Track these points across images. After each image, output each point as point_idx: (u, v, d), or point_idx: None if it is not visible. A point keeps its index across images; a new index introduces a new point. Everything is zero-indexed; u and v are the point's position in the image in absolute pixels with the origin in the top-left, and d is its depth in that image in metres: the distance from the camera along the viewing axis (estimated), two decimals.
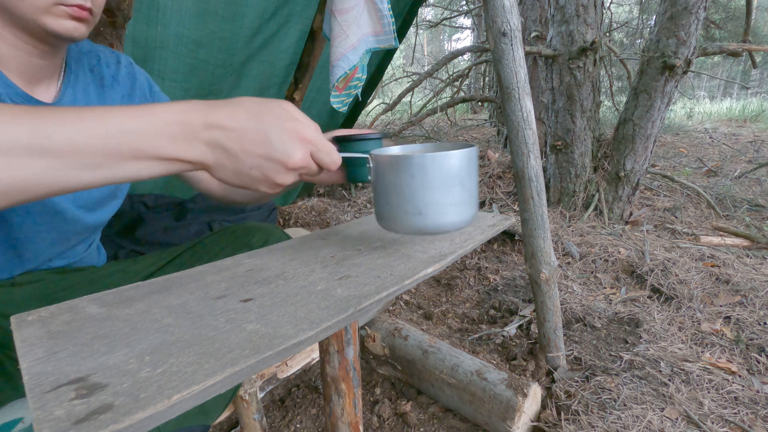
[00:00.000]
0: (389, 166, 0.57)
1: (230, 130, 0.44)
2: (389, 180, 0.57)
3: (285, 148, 0.46)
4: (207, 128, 0.44)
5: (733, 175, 3.44)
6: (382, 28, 1.30)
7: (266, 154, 0.46)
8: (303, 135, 0.48)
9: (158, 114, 0.42)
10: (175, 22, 1.43)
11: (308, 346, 0.41)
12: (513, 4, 1.01)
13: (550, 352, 1.27)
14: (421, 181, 0.55)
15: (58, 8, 0.59)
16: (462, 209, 0.58)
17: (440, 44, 22.23)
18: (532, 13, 4.10)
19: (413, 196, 0.56)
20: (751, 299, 1.54)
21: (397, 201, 0.57)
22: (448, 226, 0.59)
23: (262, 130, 0.45)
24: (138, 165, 0.42)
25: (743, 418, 1.03)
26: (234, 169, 0.46)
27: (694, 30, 2.12)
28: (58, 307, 0.46)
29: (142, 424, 0.28)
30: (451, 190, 0.56)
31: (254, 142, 0.45)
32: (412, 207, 0.56)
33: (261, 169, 0.46)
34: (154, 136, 0.42)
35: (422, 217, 0.57)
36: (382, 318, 1.41)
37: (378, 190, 0.60)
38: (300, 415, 1.18)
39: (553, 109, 2.59)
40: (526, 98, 1.06)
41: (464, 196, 0.58)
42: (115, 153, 0.41)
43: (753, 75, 14.94)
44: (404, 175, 0.56)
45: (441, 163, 0.55)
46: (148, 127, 0.42)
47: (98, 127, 0.40)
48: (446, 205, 0.57)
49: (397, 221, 0.59)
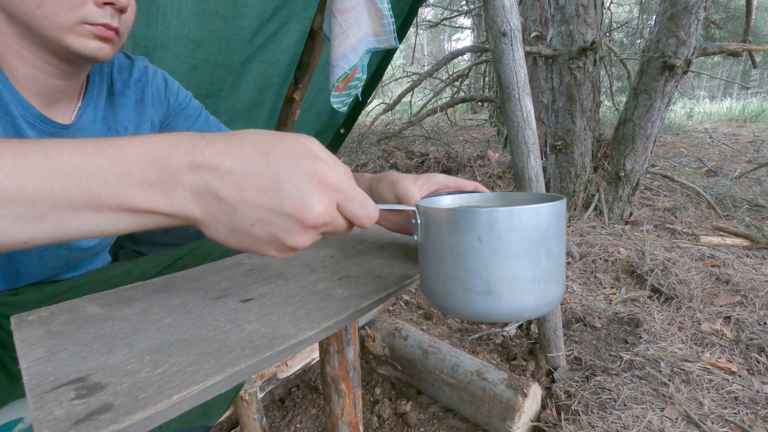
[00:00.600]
0: (446, 224, 0.42)
1: (225, 173, 0.33)
2: (446, 244, 0.42)
3: (302, 197, 0.34)
4: (193, 169, 0.33)
5: (733, 175, 3.45)
6: (382, 28, 1.30)
7: (275, 206, 0.33)
8: (327, 180, 0.35)
9: (127, 149, 0.32)
10: (175, 22, 1.43)
11: (308, 346, 0.41)
12: (513, 4, 1.01)
13: (550, 352, 1.27)
14: (493, 246, 0.40)
15: (83, 27, 0.56)
16: (548, 286, 0.42)
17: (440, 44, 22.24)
18: (532, 13, 4.10)
19: (480, 268, 0.40)
20: (751, 299, 1.54)
21: (457, 273, 0.41)
22: (529, 310, 0.42)
23: (270, 173, 0.33)
24: (97, 218, 0.32)
25: (743, 418, 1.03)
26: (231, 225, 0.34)
27: (694, 30, 2.12)
28: (58, 307, 0.46)
29: (142, 424, 0.28)
30: (535, 260, 0.41)
31: (259, 190, 0.33)
32: (479, 283, 0.41)
33: (267, 226, 0.34)
34: (118, 180, 0.31)
35: (493, 297, 0.41)
36: (382, 318, 1.41)
37: (428, 256, 0.44)
38: (300, 415, 1.18)
39: (553, 109, 2.59)
40: (526, 98, 1.06)
41: (551, 267, 0.42)
42: (63, 202, 0.30)
43: (753, 75, 14.94)
44: (468, 238, 0.40)
45: (523, 220, 0.40)
46: (110, 167, 0.31)
47: (41, 166, 0.30)
48: (528, 281, 0.41)
49: (455, 300, 0.42)
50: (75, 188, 0.30)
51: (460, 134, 6.11)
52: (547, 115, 2.69)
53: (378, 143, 5.00)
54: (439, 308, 0.45)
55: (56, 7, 0.54)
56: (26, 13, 0.54)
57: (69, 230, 0.32)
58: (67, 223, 0.31)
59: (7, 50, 0.57)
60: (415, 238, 0.46)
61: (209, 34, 1.53)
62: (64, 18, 0.54)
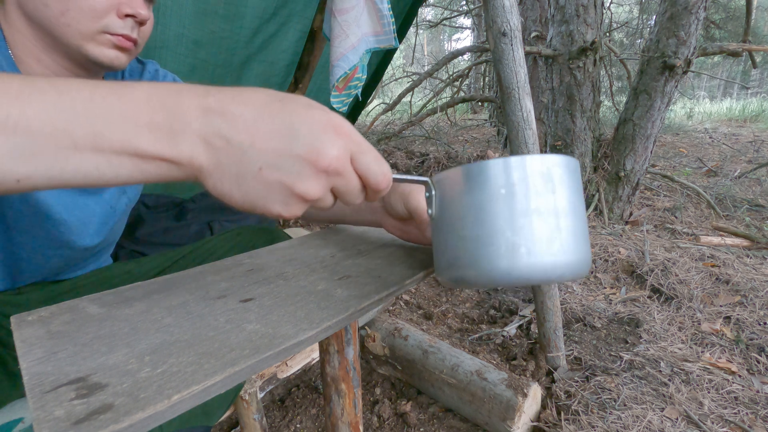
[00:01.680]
0: (463, 182, 0.38)
1: (237, 116, 0.31)
2: (465, 203, 0.38)
3: (314, 140, 0.32)
4: (204, 113, 0.31)
5: (733, 175, 3.45)
6: (382, 28, 1.30)
7: (287, 149, 0.31)
8: (341, 128, 0.33)
9: (137, 90, 0.30)
10: (175, 22, 1.43)
11: (308, 346, 0.41)
12: (513, 4, 1.01)
13: (550, 352, 1.27)
14: (518, 195, 0.36)
15: (104, 36, 0.58)
16: (579, 243, 0.38)
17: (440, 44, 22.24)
18: (532, 13, 4.10)
19: (506, 222, 0.36)
20: (751, 299, 1.54)
21: (480, 233, 0.37)
22: (564, 266, 0.37)
23: (282, 119, 0.32)
24: (97, 160, 0.29)
25: (743, 418, 1.03)
26: (237, 172, 0.32)
27: (694, 30, 2.12)
28: (58, 307, 0.46)
29: (142, 424, 0.28)
30: (565, 213, 0.37)
31: (270, 133, 0.31)
32: (506, 240, 0.36)
33: (276, 171, 0.32)
34: (125, 119, 0.29)
35: (525, 253, 0.36)
36: (382, 318, 1.41)
37: (445, 225, 0.41)
38: (300, 415, 1.18)
39: (553, 109, 2.59)
40: (526, 98, 1.06)
41: (577, 223, 0.38)
42: (64, 137, 0.28)
43: (753, 75, 14.95)
44: (489, 190, 0.37)
45: (547, 169, 0.37)
46: (118, 105, 0.29)
47: (47, 96, 0.28)
48: (559, 232, 0.36)
49: (481, 264, 0.37)
50: (78, 123, 0.29)
51: (460, 134, 6.11)
52: (547, 115, 2.69)
53: (378, 143, 5.00)
54: (461, 281, 0.40)
55: (79, 16, 0.55)
56: (49, 20, 0.55)
57: (66, 171, 0.29)
58: (66, 162, 0.29)
59: (26, 53, 0.58)
60: (429, 212, 0.44)
61: (209, 34, 1.53)
62: (86, 26, 0.56)
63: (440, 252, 0.42)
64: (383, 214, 0.64)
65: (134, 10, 0.59)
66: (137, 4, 0.60)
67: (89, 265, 0.80)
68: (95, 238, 0.74)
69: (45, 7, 0.54)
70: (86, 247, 0.73)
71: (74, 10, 0.55)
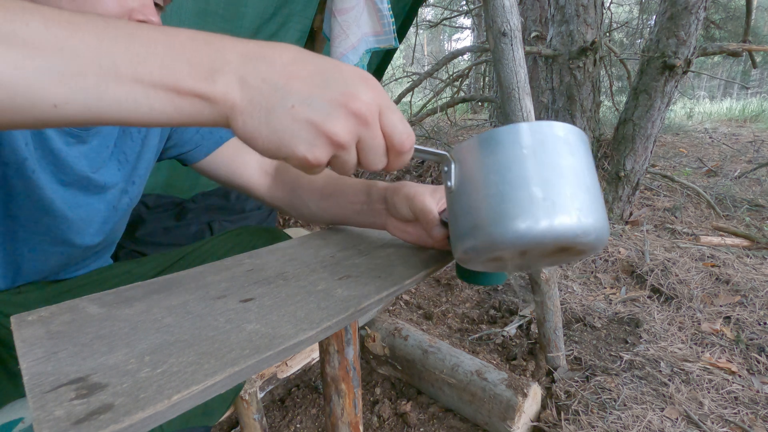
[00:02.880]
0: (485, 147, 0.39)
1: (276, 60, 0.33)
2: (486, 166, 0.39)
3: (348, 85, 0.33)
4: (244, 57, 0.32)
5: (733, 175, 3.45)
6: (382, 28, 1.30)
7: (321, 90, 0.33)
8: (372, 83, 0.35)
9: (181, 32, 0.32)
10: (175, 22, 1.43)
11: (308, 346, 0.41)
12: (513, 4, 1.01)
13: (550, 352, 1.27)
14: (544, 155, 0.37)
15: None
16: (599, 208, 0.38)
17: (440, 44, 22.23)
18: (532, 13, 4.10)
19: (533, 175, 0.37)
20: (751, 299, 1.54)
21: (506, 188, 0.37)
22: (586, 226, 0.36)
23: (318, 67, 0.34)
24: (135, 91, 0.30)
25: (743, 418, 1.03)
26: (269, 108, 0.32)
27: (694, 30, 2.12)
28: (58, 307, 0.46)
29: (142, 424, 0.28)
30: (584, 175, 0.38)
31: (306, 76, 0.33)
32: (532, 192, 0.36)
33: (307, 108, 0.32)
34: (167, 52, 0.31)
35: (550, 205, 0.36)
36: (382, 318, 1.41)
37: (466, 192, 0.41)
38: (300, 415, 1.18)
39: (553, 109, 2.59)
40: (526, 98, 1.06)
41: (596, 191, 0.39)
42: (108, 63, 0.29)
43: (753, 75, 14.95)
44: (516, 151, 0.38)
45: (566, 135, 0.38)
46: (162, 39, 0.31)
47: (95, 23, 0.29)
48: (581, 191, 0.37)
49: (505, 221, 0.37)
50: (123, 52, 0.29)
51: (460, 134, 6.11)
52: (547, 115, 2.69)
53: None
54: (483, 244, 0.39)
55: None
56: None
57: (103, 99, 0.30)
58: (105, 88, 0.30)
59: None
60: (448, 184, 0.43)
61: None
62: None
63: (461, 219, 0.41)
64: (387, 216, 0.64)
65: (146, 17, 0.60)
66: (149, 12, 0.61)
67: (90, 265, 0.80)
68: (96, 237, 0.74)
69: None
70: (87, 246, 0.73)
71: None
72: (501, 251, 0.39)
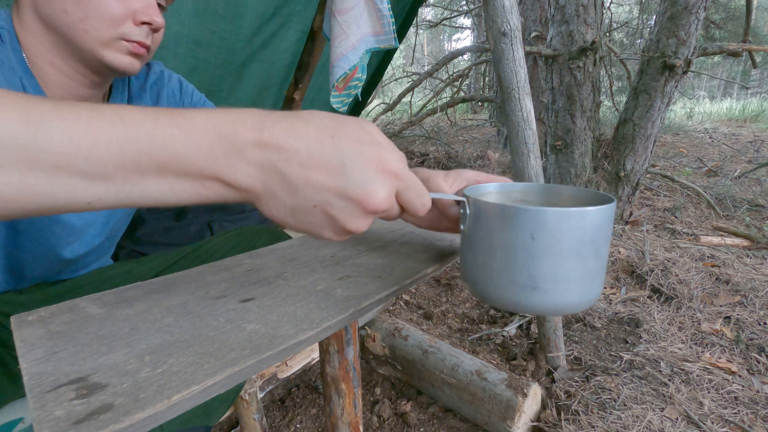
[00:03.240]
0: (498, 219, 0.42)
1: (291, 152, 0.33)
2: (495, 237, 0.43)
3: (366, 183, 0.34)
4: (260, 147, 0.33)
5: (733, 175, 3.45)
6: (382, 28, 1.30)
7: (340, 190, 0.33)
8: (389, 167, 0.35)
9: (196, 120, 0.32)
10: (175, 22, 1.43)
11: (308, 346, 0.41)
12: (513, 4, 1.01)
13: (550, 352, 1.27)
14: (545, 244, 0.41)
15: (120, 43, 0.60)
16: (592, 285, 0.43)
17: (440, 44, 22.23)
18: (532, 13, 4.10)
19: (529, 265, 0.41)
20: (751, 299, 1.54)
21: (504, 267, 0.43)
22: (572, 307, 0.44)
23: (335, 157, 0.33)
24: (161, 184, 0.32)
25: (743, 418, 1.03)
26: (292, 205, 0.34)
27: (694, 30, 2.12)
28: (58, 307, 0.46)
29: (142, 424, 0.28)
30: (583, 261, 0.41)
31: (324, 172, 0.33)
32: (526, 278, 0.42)
33: (329, 208, 0.34)
34: (186, 149, 0.31)
35: (538, 292, 0.42)
36: (382, 318, 1.41)
37: (474, 246, 0.46)
38: (300, 415, 1.18)
39: (553, 109, 2.59)
40: (526, 98, 1.06)
41: (597, 267, 0.43)
42: (132, 165, 0.30)
43: (753, 75, 14.94)
44: (520, 234, 0.41)
45: (577, 222, 0.40)
46: (179, 135, 0.31)
47: (115, 127, 0.30)
48: (573, 280, 0.42)
49: (498, 291, 0.44)
50: (144, 152, 0.31)
51: (460, 134, 6.11)
52: (547, 115, 2.69)
53: None
54: (480, 296, 0.47)
55: (98, 23, 0.57)
56: (68, 26, 0.57)
57: (133, 194, 0.32)
58: (132, 186, 0.31)
59: (41, 57, 0.59)
60: (462, 227, 0.47)
61: (209, 34, 1.53)
62: (104, 33, 0.58)
63: (468, 266, 0.48)
64: None
65: (150, 17, 0.62)
66: (153, 12, 0.62)
67: (90, 265, 0.81)
68: (96, 239, 0.75)
69: (64, 14, 0.56)
70: (88, 249, 0.73)
71: (93, 17, 0.57)
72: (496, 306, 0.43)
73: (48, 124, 0.28)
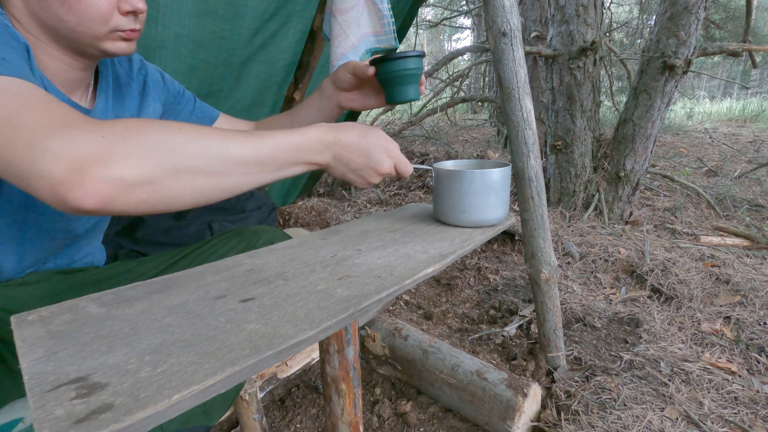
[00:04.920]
0: (447, 178, 0.82)
1: (347, 146, 0.64)
2: (446, 187, 0.83)
3: (379, 160, 0.67)
4: (334, 144, 0.63)
5: (733, 175, 3.45)
6: (382, 28, 1.30)
7: (366, 163, 0.66)
8: (391, 153, 0.69)
9: (308, 134, 0.60)
10: (175, 22, 1.43)
11: (308, 346, 0.41)
12: (513, 4, 1.01)
13: (550, 352, 1.27)
14: (467, 189, 0.80)
15: (115, 34, 0.66)
16: (496, 210, 0.83)
17: (440, 44, 22.21)
18: (532, 13, 4.10)
19: (461, 199, 0.81)
20: (751, 299, 1.54)
21: (450, 202, 0.83)
22: (485, 221, 0.83)
23: (366, 147, 0.66)
24: (293, 168, 0.59)
25: (743, 418, 1.03)
26: (345, 169, 0.66)
27: (694, 30, 2.12)
28: (58, 306, 0.46)
29: (143, 423, 0.28)
30: (489, 196, 0.81)
31: (360, 155, 0.66)
32: (460, 207, 0.82)
33: (361, 171, 0.67)
34: (304, 149, 0.60)
35: (467, 214, 0.82)
36: (382, 318, 1.41)
37: (437, 193, 0.86)
38: (300, 415, 1.18)
39: (553, 109, 2.59)
40: (526, 98, 1.06)
41: (497, 200, 0.82)
42: (281, 161, 0.57)
43: (753, 75, 14.93)
44: (456, 185, 0.81)
45: (483, 177, 0.80)
46: (302, 143, 0.59)
47: (270, 143, 0.56)
48: (484, 206, 0.81)
49: (448, 216, 0.85)
50: (285, 153, 0.58)
51: (460, 134, 6.11)
52: (547, 115, 2.69)
53: None
54: (442, 220, 0.87)
55: (91, 23, 0.63)
56: (67, 30, 0.63)
57: (280, 175, 0.59)
58: (281, 172, 0.59)
59: (41, 51, 0.65)
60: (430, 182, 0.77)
61: (209, 34, 1.53)
62: (99, 30, 0.64)
63: (436, 205, 0.88)
64: (338, 94, 0.88)
65: (133, 6, 0.66)
66: (136, 0, 0.66)
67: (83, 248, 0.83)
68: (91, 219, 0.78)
69: (61, 21, 0.62)
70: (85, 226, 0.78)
71: (86, 19, 0.62)
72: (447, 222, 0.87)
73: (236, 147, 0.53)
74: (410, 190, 3.18)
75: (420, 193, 3.08)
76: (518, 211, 1.18)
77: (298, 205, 2.70)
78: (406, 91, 0.80)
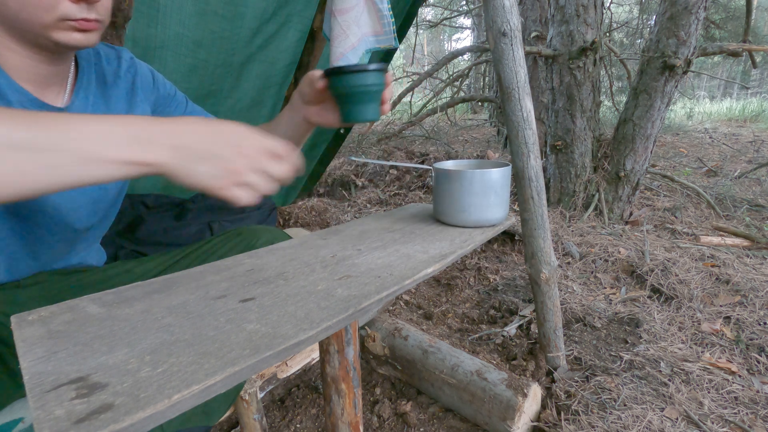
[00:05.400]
0: (447, 178, 0.83)
1: (191, 132, 0.49)
2: (445, 187, 0.83)
3: (229, 156, 0.50)
4: (168, 132, 0.48)
5: (733, 175, 3.45)
6: (382, 28, 1.30)
7: (213, 151, 0.49)
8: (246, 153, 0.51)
9: (127, 118, 0.49)
10: (175, 22, 1.43)
11: (308, 346, 0.41)
12: (513, 4, 1.01)
13: (550, 352, 1.27)
14: (467, 189, 0.81)
15: (65, 23, 0.60)
16: (496, 210, 0.83)
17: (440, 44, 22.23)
18: (532, 13, 4.10)
19: (461, 199, 0.81)
20: (751, 299, 1.54)
21: (450, 202, 0.83)
22: (484, 221, 0.83)
23: (212, 133, 0.50)
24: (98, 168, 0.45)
25: (743, 418, 1.03)
26: (192, 163, 0.49)
27: (694, 30, 2.12)
28: (58, 306, 0.46)
29: (143, 423, 0.28)
30: (488, 196, 0.81)
31: (207, 141, 0.50)
32: (460, 206, 0.82)
33: (215, 161, 0.49)
34: (111, 142, 0.46)
35: (467, 214, 0.82)
36: (382, 318, 1.41)
37: (437, 192, 0.87)
38: (300, 415, 1.18)
39: (553, 109, 2.59)
40: (526, 98, 1.06)
41: (497, 200, 0.82)
42: (83, 154, 0.44)
43: (753, 75, 14.93)
44: (456, 184, 0.81)
45: (483, 177, 0.80)
46: (114, 128, 0.46)
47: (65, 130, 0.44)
48: (484, 206, 0.81)
49: (448, 215, 0.85)
50: (88, 146, 0.44)
51: (460, 134, 6.11)
52: (547, 115, 2.69)
53: (378, 143, 5.00)
54: (442, 220, 0.87)
55: (35, 10, 0.58)
56: (11, 17, 0.59)
57: (81, 176, 0.44)
58: (80, 170, 0.44)
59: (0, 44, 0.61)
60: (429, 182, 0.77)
61: (209, 34, 1.53)
62: (44, 18, 0.59)
63: (435, 204, 0.88)
64: (305, 109, 0.78)
65: None
66: None
67: (80, 252, 0.82)
68: (90, 219, 0.76)
69: (4, 6, 0.58)
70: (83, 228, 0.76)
71: (29, 5, 0.58)
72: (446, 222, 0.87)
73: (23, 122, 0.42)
74: (410, 190, 3.18)
75: (420, 193, 3.08)
76: (518, 211, 1.18)
77: (298, 205, 2.70)
78: (362, 111, 0.67)
